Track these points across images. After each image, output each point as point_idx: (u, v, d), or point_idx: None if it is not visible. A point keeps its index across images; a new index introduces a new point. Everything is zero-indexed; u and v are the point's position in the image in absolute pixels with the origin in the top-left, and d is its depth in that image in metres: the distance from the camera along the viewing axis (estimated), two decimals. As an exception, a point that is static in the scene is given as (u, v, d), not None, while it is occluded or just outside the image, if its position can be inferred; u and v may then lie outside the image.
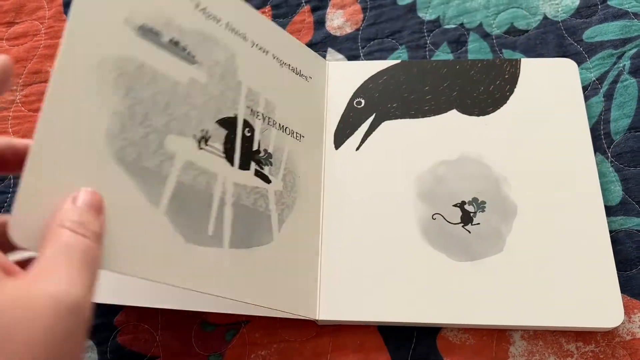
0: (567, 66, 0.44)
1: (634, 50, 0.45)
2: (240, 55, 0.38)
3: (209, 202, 0.33)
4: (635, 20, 0.46)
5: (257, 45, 0.39)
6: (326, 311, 0.37)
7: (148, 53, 0.33)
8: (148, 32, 0.33)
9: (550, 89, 0.43)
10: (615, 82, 0.44)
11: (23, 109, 0.46)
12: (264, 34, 0.40)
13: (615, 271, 0.36)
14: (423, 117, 0.43)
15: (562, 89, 0.43)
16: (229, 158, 0.35)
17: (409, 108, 0.43)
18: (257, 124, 0.38)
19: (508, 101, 0.43)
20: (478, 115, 0.42)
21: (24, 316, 0.20)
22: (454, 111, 0.43)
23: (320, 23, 0.49)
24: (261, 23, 0.40)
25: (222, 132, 0.35)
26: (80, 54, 0.29)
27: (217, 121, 0.35)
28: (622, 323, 0.36)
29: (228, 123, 0.36)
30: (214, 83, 0.36)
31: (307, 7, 0.50)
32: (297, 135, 0.40)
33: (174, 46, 0.35)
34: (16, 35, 0.49)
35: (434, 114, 0.43)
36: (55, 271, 0.22)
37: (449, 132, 0.42)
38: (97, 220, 0.26)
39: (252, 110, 0.37)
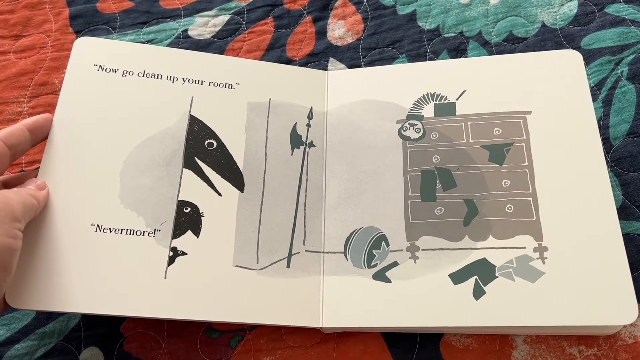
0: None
1: (632, 56, 0.45)
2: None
3: None
4: (633, 27, 0.46)
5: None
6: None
7: None
8: None
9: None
10: (613, 88, 0.44)
11: (30, 120, 0.46)
12: None
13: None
14: None
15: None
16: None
17: None
18: None
19: None
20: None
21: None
22: None
23: (321, 33, 0.50)
24: None
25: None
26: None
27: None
28: (624, 326, 0.36)
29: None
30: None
31: (308, 18, 0.51)
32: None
33: None
34: (23, 48, 0.50)
35: None
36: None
37: None
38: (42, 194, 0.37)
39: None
